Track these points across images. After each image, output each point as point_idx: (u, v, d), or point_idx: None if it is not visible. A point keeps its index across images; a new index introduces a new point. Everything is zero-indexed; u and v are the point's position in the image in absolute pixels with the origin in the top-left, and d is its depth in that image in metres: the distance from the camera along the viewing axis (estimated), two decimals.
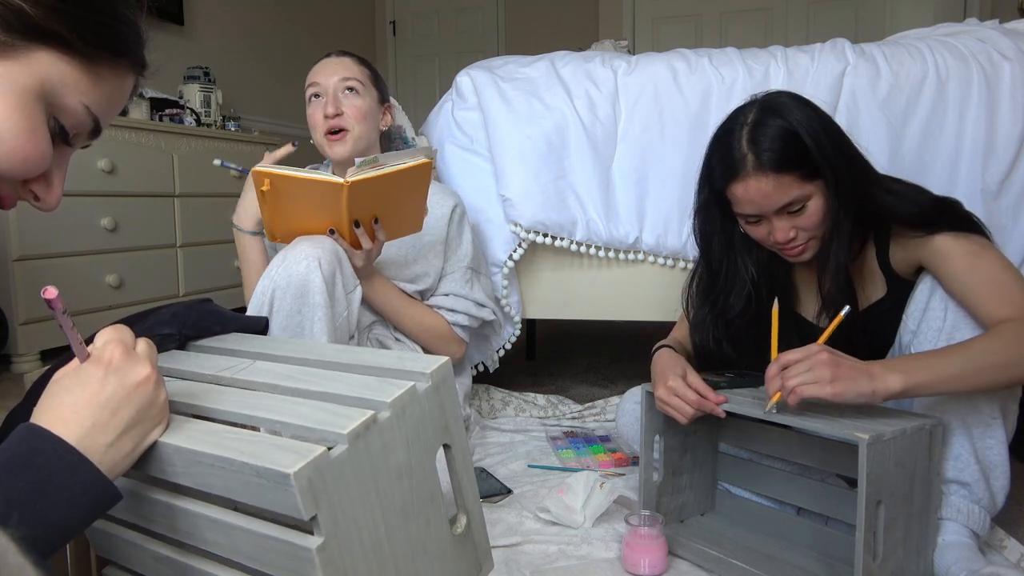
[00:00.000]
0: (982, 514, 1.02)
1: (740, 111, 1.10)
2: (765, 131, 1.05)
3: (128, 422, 0.54)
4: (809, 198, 1.06)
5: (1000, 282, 0.99)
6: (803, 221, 1.08)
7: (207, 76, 3.07)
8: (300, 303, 1.18)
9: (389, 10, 5.15)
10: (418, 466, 0.61)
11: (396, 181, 1.23)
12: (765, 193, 1.05)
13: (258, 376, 0.67)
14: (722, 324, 1.21)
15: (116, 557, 0.70)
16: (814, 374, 0.91)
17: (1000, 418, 1.00)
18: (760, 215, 1.09)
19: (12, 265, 2.08)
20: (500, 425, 1.70)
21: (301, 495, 0.50)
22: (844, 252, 1.08)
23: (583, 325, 2.89)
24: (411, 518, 0.60)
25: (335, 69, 1.46)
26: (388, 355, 0.67)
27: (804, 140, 1.03)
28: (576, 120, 1.68)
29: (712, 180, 1.13)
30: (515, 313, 1.78)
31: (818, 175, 1.05)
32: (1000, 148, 1.52)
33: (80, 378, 0.54)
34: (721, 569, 1.03)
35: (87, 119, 0.57)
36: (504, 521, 1.20)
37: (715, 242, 1.20)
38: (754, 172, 1.05)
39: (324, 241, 1.22)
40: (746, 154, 1.06)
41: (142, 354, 0.57)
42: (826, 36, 1.84)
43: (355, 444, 0.55)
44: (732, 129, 1.09)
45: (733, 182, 1.08)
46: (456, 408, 0.66)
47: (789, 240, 1.09)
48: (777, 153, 1.04)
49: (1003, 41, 1.57)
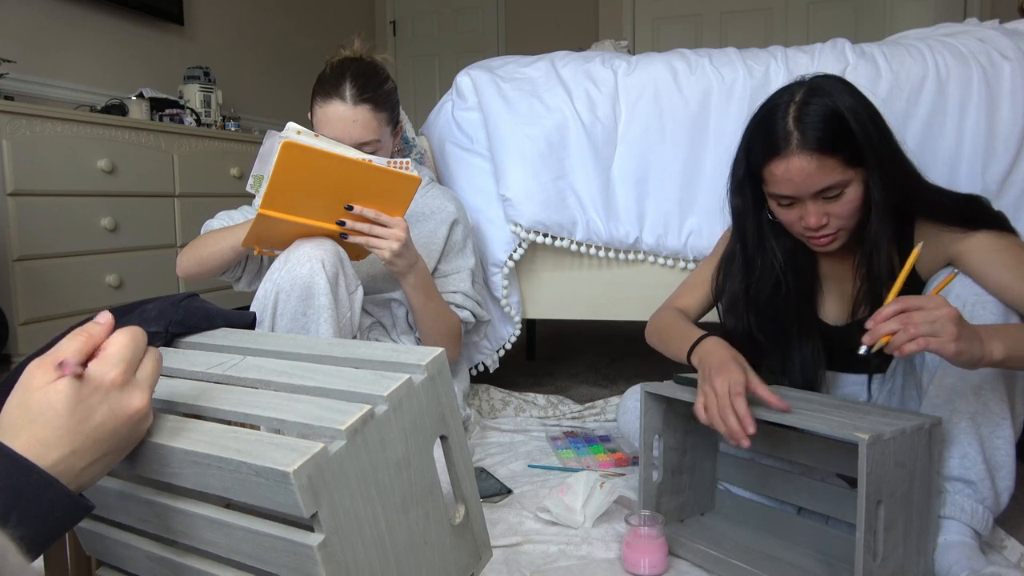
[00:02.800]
0: (985, 514, 1.02)
1: (786, 90, 1.08)
2: (813, 110, 1.02)
3: (107, 450, 0.53)
4: (848, 184, 1.04)
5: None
6: (837, 208, 1.05)
7: (207, 76, 3.07)
8: (305, 305, 1.18)
9: (389, 10, 5.15)
10: (416, 458, 0.61)
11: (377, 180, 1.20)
12: (807, 173, 1.02)
13: (250, 372, 0.67)
14: (753, 309, 1.18)
15: (108, 558, 0.70)
16: (939, 327, 0.86)
17: (1009, 418, 1.00)
18: (795, 197, 1.06)
19: (12, 265, 2.08)
20: (500, 425, 1.70)
21: (301, 493, 0.50)
22: (887, 244, 1.06)
23: (583, 325, 2.89)
24: (410, 510, 0.61)
25: (350, 128, 1.35)
26: (382, 348, 0.67)
27: (851, 124, 1.01)
28: (576, 120, 1.68)
29: (750, 157, 1.10)
30: (515, 313, 1.78)
31: (861, 162, 1.03)
32: (1000, 148, 1.52)
33: (69, 396, 0.51)
34: (721, 569, 1.03)
35: None
36: (504, 521, 1.20)
37: (749, 222, 1.18)
38: (797, 151, 1.02)
39: (326, 243, 1.22)
40: (791, 132, 1.03)
41: (142, 381, 0.55)
42: (826, 36, 1.84)
43: (353, 440, 0.55)
44: (777, 106, 1.06)
45: (774, 160, 1.04)
46: (452, 399, 0.66)
47: (820, 227, 1.06)
48: (823, 133, 1.01)
49: (1003, 41, 1.57)
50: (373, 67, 1.42)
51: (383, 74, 1.44)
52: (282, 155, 1.12)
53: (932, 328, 0.86)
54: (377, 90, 1.39)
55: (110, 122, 2.39)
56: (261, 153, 1.38)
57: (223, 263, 1.33)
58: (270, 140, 1.36)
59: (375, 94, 1.38)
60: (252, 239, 1.23)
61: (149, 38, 3.15)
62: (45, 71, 2.65)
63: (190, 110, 2.87)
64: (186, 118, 2.82)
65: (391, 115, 1.43)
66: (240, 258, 1.35)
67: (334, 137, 1.35)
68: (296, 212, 1.20)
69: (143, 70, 3.10)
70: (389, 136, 1.43)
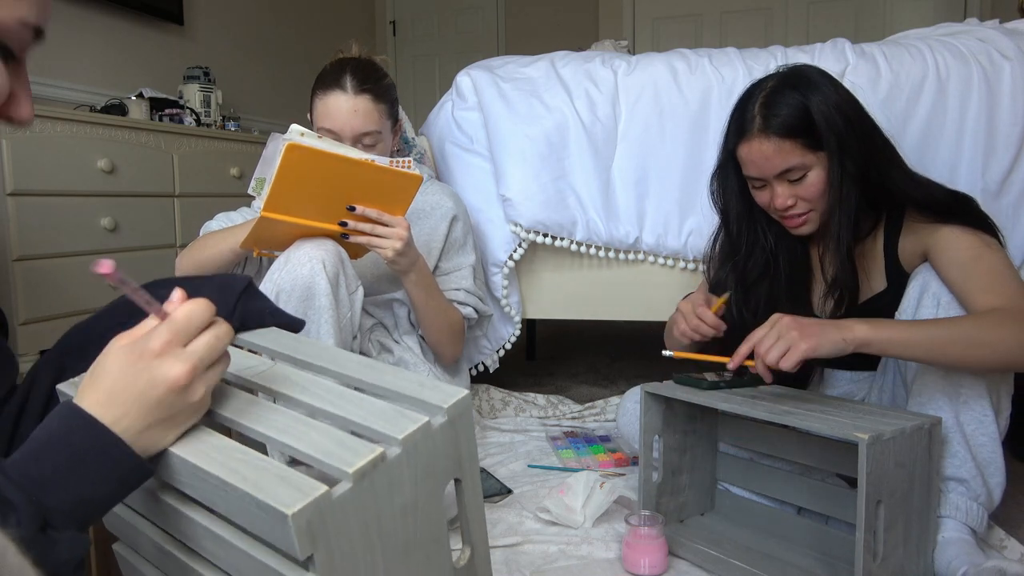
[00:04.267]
0: (980, 511, 1.02)
1: (764, 78, 1.15)
2: (778, 98, 1.09)
3: (157, 418, 0.54)
4: (810, 168, 1.09)
5: (996, 274, 0.99)
6: (802, 191, 1.11)
7: (207, 76, 3.07)
8: (306, 306, 1.18)
9: (389, 10, 5.15)
10: (424, 502, 0.59)
11: (380, 179, 1.20)
12: (766, 155, 1.10)
13: (276, 383, 0.66)
14: (741, 289, 1.22)
15: (123, 537, 0.70)
16: (785, 340, 0.94)
17: (992, 415, 1.00)
18: (763, 179, 1.13)
19: (12, 265, 2.07)
20: (500, 425, 1.70)
21: (298, 536, 0.48)
22: (847, 229, 1.10)
23: (583, 325, 2.89)
24: (412, 553, 0.59)
25: (351, 120, 1.35)
26: (409, 380, 0.65)
27: (812, 112, 1.07)
28: (576, 120, 1.68)
29: (727, 141, 1.18)
30: (515, 313, 1.78)
31: (822, 147, 1.08)
32: (1000, 148, 1.52)
33: (121, 362, 0.54)
34: (721, 569, 1.03)
35: (27, 33, 0.56)
36: (504, 521, 1.20)
37: (732, 204, 1.23)
38: (758, 134, 1.10)
39: (326, 243, 1.22)
40: (755, 116, 1.11)
41: (190, 353, 0.55)
42: (826, 36, 1.84)
43: (360, 483, 0.53)
44: (752, 94, 1.14)
45: (741, 142, 1.13)
46: (471, 443, 0.64)
47: (787, 207, 1.12)
48: (782, 119, 1.08)
49: (1003, 41, 1.57)
50: (372, 63, 1.44)
51: (382, 71, 1.45)
52: (286, 157, 1.13)
53: (780, 346, 0.94)
54: (377, 82, 1.40)
55: (110, 122, 2.39)
56: (264, 156, 1.38)
57: (222, 265, 1.33)
58: (273, 143, 1.36)
59: (375, 85, 1.39)
60: (251, 241, 1.23)
61: (149, 38, 3.15)
62: (45, 71, 2.65)
63: (190, 110, 2.87)
64: (186, 118, 2.82)
65: (391, 109, 1.43)
66: (239, 260, 1.35)
67: (335, 128, 1.36)
68: (298, 214, 1.20)
69: (143, 70, 3.10)
70: (389, 131, 1.43)
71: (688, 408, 1.16)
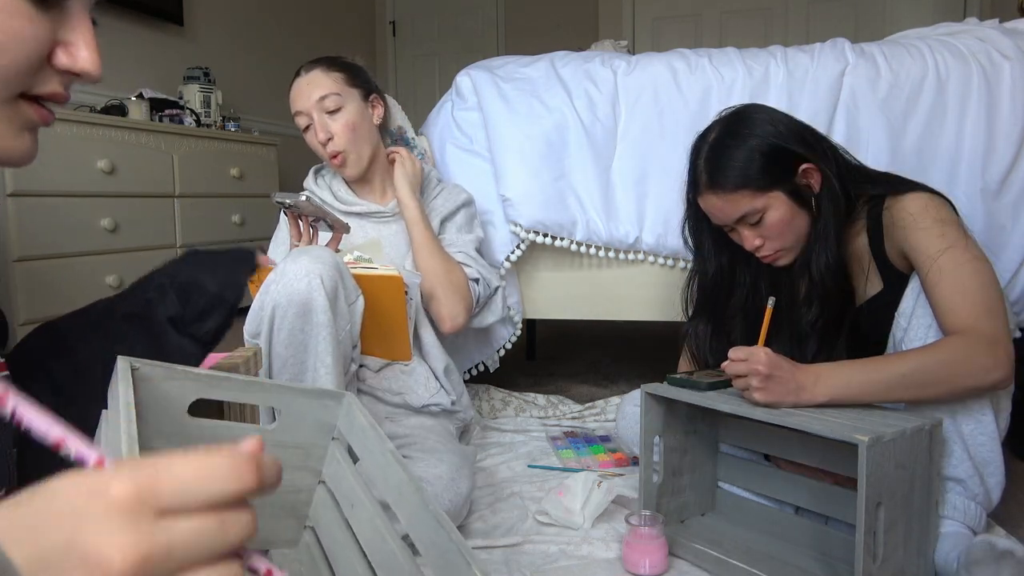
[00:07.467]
0: (978, 511, 1.03)
1: (709, 128, 1.18)
2: (719, 151, 1.12)
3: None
4: (765, 210, 1.12)
5: (958, 291, 0.99)
6: (765, 231, 1.14)
7: (207, 76, 3.07)
8: (303, 321, 1.13)
9: (389, 10, 5.15)
10: None
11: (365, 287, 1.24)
12: (719, 208, 1.14)
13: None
14: (721, 327, 1.25)
15: None
16: (746, 381, 0.98)
17: (991, 414, 1.00)
18: (727, 225, 1.17)
19: (12, 265, 2.08)
20: (500, 425, 1.70)
21: None
22: (821, 255, 1.12)
23: (583, 325, 2.88)
24: None
25: (308, 91, 1.42)
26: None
27: (754, 157, 1.09)
28: (576, 120, 1.68)
29: (688, 190, 1.22)
30: (515, 313, 1.78)
31: (773, 186, 1.10)
32: (1000, 148, 1.52)
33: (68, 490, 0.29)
34: (721, 569, 1.03)
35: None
36: (504, 521, 1.20)
37: (705, 244, 1.27)
38: (706, 190, 1.14)
39: (324, 255, 1.17)
40: (702, 172, 1.15)
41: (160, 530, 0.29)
42: (826, 36, 1.84)
43: None
44: (700, 147, 1.17)
45: (698, 195, 1.18)
46: None
47: (757, 248, 1.15)
48: (724, 172, 1.11)
49: (1003, 41, 1.57)
50: (339, 56, 1.51)
51: (345, 57, 1.51)
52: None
53: (741, 383, 0.99)
54: (330, 59, 1.47)
55: (110, 122, 2.39)
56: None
57: None
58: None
59: (326, 59, 1.46)
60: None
61: (149, 38, 3.15)
62: None
63: (190, 110, 2.87)
64: (186, 118, 2.82)
65: (350, 77, 1.46)
66: None
67: (300, 109, 1.43)
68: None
69: (143, 70, 3.10)
70: (357, 99, 1.46)
71: (689, 409, 1.16)
